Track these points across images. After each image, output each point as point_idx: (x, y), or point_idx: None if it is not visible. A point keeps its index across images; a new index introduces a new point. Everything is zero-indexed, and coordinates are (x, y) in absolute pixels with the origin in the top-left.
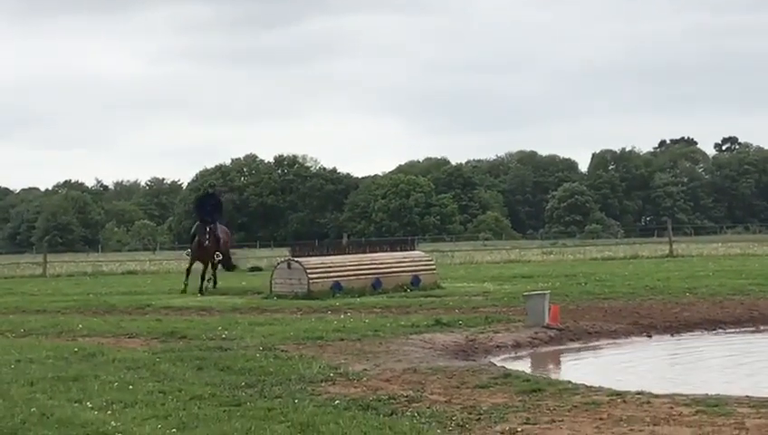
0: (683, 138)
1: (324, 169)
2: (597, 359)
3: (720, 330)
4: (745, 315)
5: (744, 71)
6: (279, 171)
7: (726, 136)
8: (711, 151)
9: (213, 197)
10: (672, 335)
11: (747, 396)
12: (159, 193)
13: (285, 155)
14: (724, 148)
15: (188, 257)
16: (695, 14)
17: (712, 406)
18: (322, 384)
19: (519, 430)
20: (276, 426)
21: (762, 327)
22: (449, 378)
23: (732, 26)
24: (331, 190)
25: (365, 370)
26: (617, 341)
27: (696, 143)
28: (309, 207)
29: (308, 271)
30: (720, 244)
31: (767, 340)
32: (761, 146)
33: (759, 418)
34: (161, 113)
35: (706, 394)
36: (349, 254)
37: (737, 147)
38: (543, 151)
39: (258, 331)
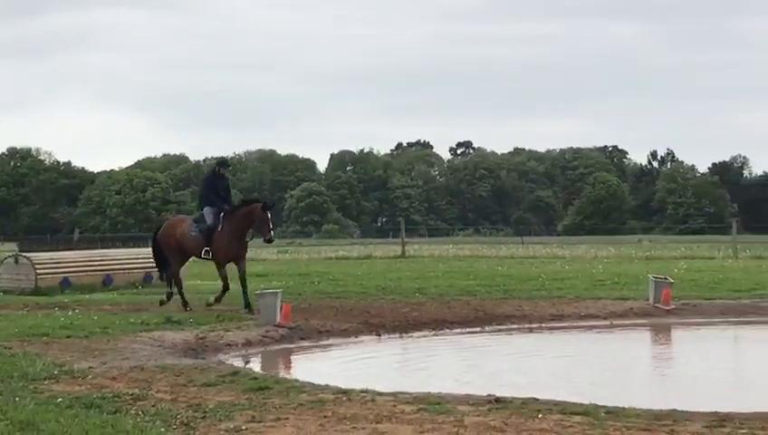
0: (419, 141)
1: (58, 162)
2: (326, 357)
3: (447, 330)
4: (471, 315)
5: (480, 78)
6: (12, 164)
7: (461, 141)
8: (446, 155)
9: None
10: (401, 335)
11: (467, 395)
12: None
13: (19, 148)
14: (459, 152)
15: None
16: (434, 23)
17: (433, 404)
18: (46, 382)
19: (244, 428)
20: None
21: (487, 328)
22: (176, 376)
23: (466, 35)
24: (65, 185)
25: (91, 368)
26: (347, 340)
27: (431, 147)
28: (42, 201)
29: (36, 266)
30: (451, 245)
31: (491, 340)
32: (495, 151)
33: (478, 416)
34: None
35: (429, 393)
36: (79, 249)
37: (472, 151)
38: (284, 151)
39: None
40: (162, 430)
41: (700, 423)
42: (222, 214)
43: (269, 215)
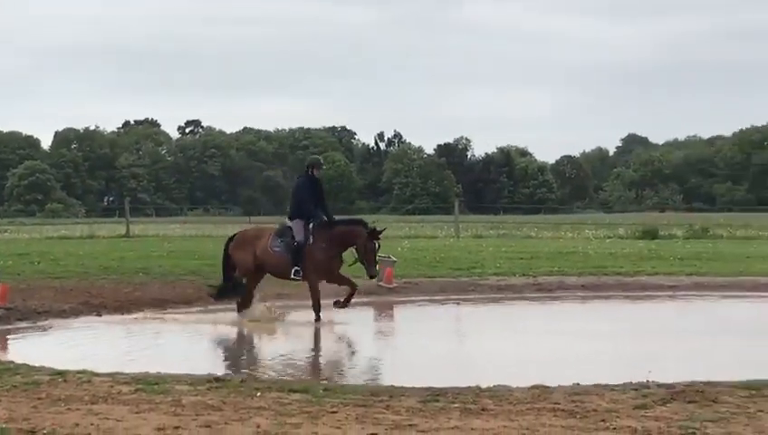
0: (147, 119)
1: None
2: (44, 338)
3: (170, 309)
4: (195, 295)
5: (208, 57)
6: None
7: (190, 119)
8: (175, 134)
9: None
10: (122, 314)
11: (187, 374)
12: None
13: None
14: (187, 131)
15: None
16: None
17: (152, 384)
18: None
19: None
20: None
21: (210, 307)
22: None
23: (194, 13)
24: None
25: None
26: (66, 320)
27: (159, 125)
28: None
29: None
30: (178, 225)
31: (213, 319)
32: (223, 130)
33: (196, 395)
34: None
35: (147, 373)
36: None
37: (201, 130)
38: (5, 128)
39: None
40: None
41: (415, 398)
42: (312, 226)
43: (377, 245)
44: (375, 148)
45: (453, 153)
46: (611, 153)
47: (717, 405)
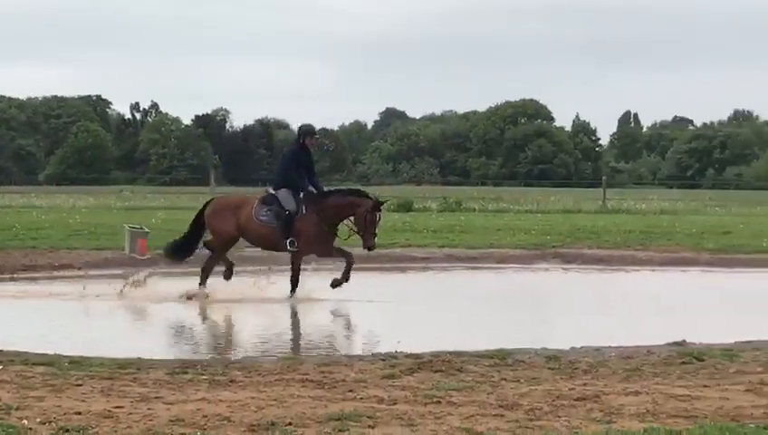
0: None
1: None
2: None
3: None
4: None
5: None
6: None
7: None
8: None
9: None
10: None
11: None
12: None
13: None
14: None
15: None
16: None
17: None
18: None
19: None
20: None
21: None
22: None
23: None
24: None
25: None
26: None
27: None
28: None
29: None
30: None
31: None
32: None
33: None
34: None
35: None
36: None
37: None
38: None
39: None
40: None
41: (163, 370)
42: (303, 196)
43: (378, 217)
44: (131, 118)
45: (211, 124)
46: (370, 127)
47: (463, 374)
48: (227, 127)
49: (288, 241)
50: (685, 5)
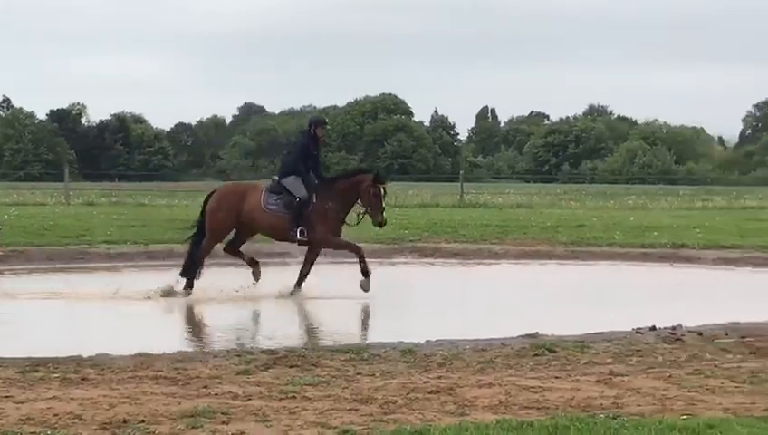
0: None
1: None
2: None
3: None
4: None
5: None
6: None
7: None
8: None
9: None
10: None
11: None
12: None
13: None
14: None
15: None
16: None
17: None
18: None
19: None
20: None
21: None
22: None
23: None
24: None
25: None
26: None
27: None
28: None
29: None
30: None
31: None
32: None
33: None
34: None
35: None
36: None
37: None
38: None
39: None
40: None
41: (14, 369)
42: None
43: (382, 191)
44: None
45: (66, 119)
46: (228, 121)
47: (318, 369)
48: (83, 122)
49: (298, 230)
50: (541, 5)
